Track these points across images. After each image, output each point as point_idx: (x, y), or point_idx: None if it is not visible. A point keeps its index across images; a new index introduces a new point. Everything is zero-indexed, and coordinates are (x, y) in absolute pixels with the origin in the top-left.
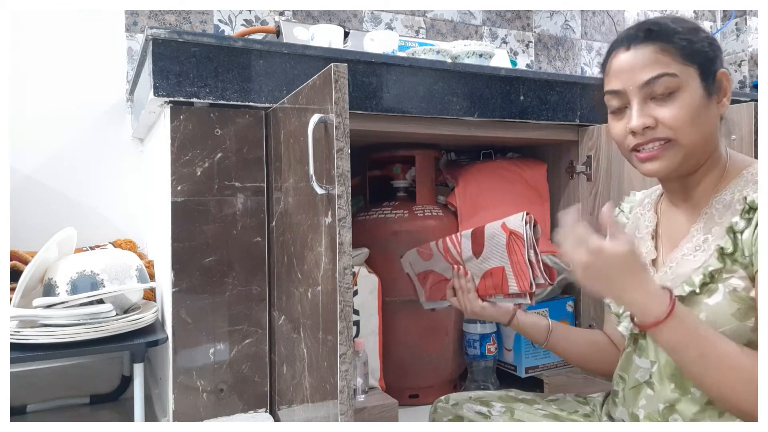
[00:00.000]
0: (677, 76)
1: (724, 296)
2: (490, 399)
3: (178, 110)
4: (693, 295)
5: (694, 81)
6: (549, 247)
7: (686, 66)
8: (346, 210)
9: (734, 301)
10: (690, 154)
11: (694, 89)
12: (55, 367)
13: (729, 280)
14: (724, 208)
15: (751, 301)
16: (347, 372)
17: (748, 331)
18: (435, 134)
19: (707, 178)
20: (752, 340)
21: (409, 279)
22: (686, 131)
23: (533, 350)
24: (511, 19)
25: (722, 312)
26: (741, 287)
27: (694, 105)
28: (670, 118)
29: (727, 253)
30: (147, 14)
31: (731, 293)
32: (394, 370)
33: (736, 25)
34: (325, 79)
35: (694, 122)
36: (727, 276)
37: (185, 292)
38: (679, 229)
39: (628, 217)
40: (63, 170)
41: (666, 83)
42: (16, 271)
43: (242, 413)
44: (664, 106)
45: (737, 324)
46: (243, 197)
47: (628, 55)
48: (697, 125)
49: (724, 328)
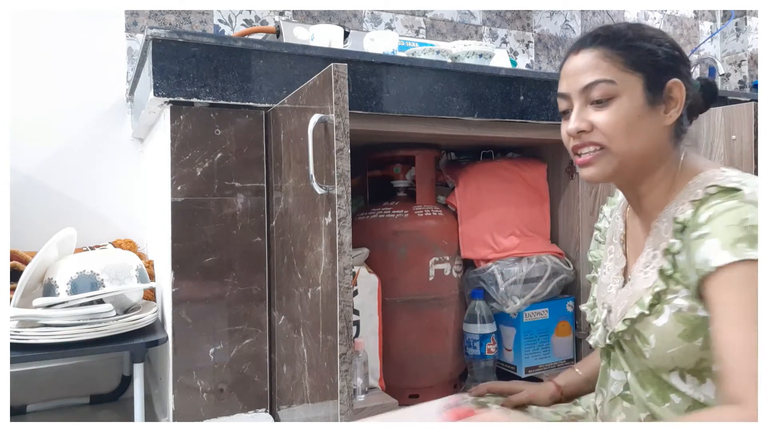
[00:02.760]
0: (615, 83)
1: (669, 317)
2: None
3: (178, 110)
4: (643, 317)
5: (635, 90)
6: (549, 247)
7: (628, 74)
8: (346, 210)
9: (679, 322)
10: (625, 164)
11: (634, 98)
12: (55, 367)
13: (673, 301)
14: (669, 223)
15: (696, 321)
16: (347, 372)
17: (697, 351)
18: (435, 134)
19: (657, 189)
20: (703, 359)
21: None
22: (619, 140)
23: (533, 350)
24: (511, 19)
25: (669, 333)
26: (686, 307)
27: (630, 114)
28: (604, 125)
29: (667, 274)
30: (147, 14)
31: (676, 314)
32: (394, 370)
33: (736, 25)
34: (325, 79)
35: (629, 132)
36: (671, 296)
37: (185, 292)
38: (640, 239)
39: (609, 220)
40: (63, 170)
41: (603, 89)
42: (16, 271)
43: (242, 413)
44: (600, 111)
45: (685, 345)
46: (243, 197)
47: (576, 59)
48: (632, 135)
49: (672, 350)
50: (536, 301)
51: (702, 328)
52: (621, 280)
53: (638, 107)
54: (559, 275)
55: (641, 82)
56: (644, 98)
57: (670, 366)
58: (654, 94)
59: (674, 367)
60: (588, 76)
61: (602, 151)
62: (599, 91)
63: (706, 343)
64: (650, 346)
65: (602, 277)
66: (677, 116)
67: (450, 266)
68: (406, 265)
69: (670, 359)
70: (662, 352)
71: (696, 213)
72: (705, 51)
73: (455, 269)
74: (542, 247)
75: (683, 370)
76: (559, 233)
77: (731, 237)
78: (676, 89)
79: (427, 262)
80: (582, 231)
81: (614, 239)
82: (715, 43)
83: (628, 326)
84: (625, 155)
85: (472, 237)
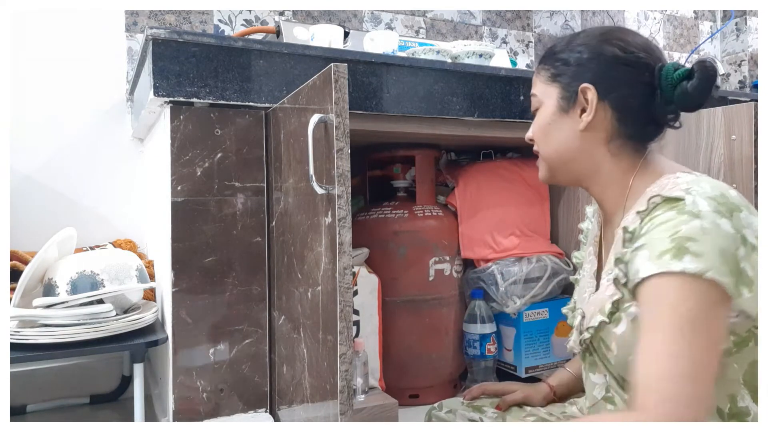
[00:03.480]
0: (536, 96)
1: (627, 325)
2: (483, 405)
3: (178, 110)
4: (604, 325)
5: (551, 100)
6: (549, 247)
7: (548, 86)
8: (346, 210)
9: (635, 330)
10: (554, 167)
11: (549, 107)
12: (55, 367)
13: (629, 309)
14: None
15: None
16: (347, 372)
17: None
18: (435, 134)
19: (609, 192)
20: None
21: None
22: (541, 145)
23: (533, 350)
24: (511, 19)
25: (627, 340)
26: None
27: (545, 122)
28: (532, 133)
29: (621, 282)
30: (147, 14)
31: (632, 321)
32: (394, 370)
33: (736, 25)
34: (325, 79)
35: (546, 137)
36: (627, 305)
37: (185, 292)
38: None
39: (591, 221)
40: (63, 170)
41: (533, 102)
42: (16, 271)
43: (242, 413)
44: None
45: None
46: (243, 197)
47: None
48: (548, 141)
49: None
50: (536, 301)
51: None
52: (594, 284)
53: (550, 114)
54: (559, 275)
55: (557, 91)
56: (557, 105)
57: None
58: (567, 101)
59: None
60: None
61: (539, 156)
62: (533, 104)
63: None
64: (613, 353)
65: (581, 280)
66: (589, 119)
67: (450, 266)
68: (406, 265)
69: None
70: (624, 359)
71: (641, 224)
72: (705, 51)
73: (455, 269)
74: (542, 247)
75: None
76: (559, 233)
77: (659, 249)
78: (588, 93)
79: (427, 262)
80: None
81: (591, 240)
82: (715, 43)
83: (592, 334)
84: (549, 159)
85: (472, 237)
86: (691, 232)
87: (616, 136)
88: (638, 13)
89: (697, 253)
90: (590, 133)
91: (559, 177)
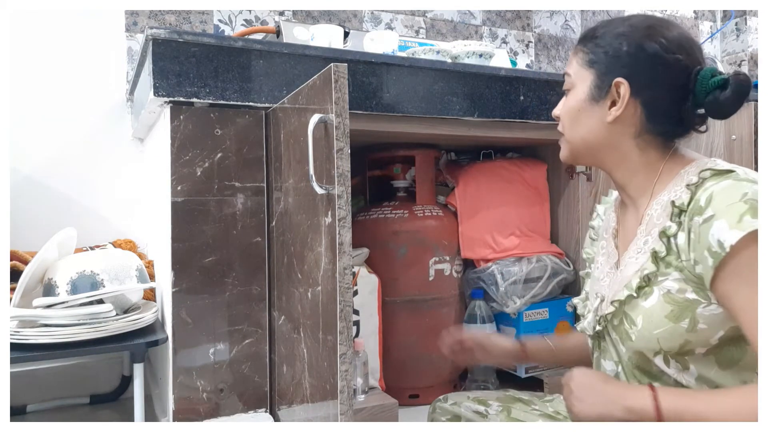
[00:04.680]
0: (570, 77)
1: (658, 299)
2: (488, 398)
3: (178, 110)
4: (631, 299)
5: (585, 84)
6: (549, 247)
7: (584, 69)
8: (346, 210)
9: (667, 303)
10: (577, 151)
11: (581, 92)
12: (55, 367)
13: (663, 283)
14: (662, 210)
15: (684, 303)
16: (347, 372)
17: (683, 333)
18: (435, 134)
19: (637, 178)
20: (687, 341)
21: None
22: (567, 128)
23: None
24: (511, 19)
25: (656, 314)
26: (675, 289)
27: (575, 106)
28: (559, 112)
29: (660, 256)
30: (147, 14)
31: (665, 295)
32: (394, 370)
33: (736, 25)
34: (325, 79)
35: (572, 123)
36: (662, 279)
37: (185, 292)
38: (631, 229)
39: (603, 219)
40: (63, 170)
41: (566, 81)
42: (16, 271)
43: (242, 413)
44: (563, 101)
45: (672, 326)
46: (243, 197)
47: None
48: (575, 126)
49: (658, 331)
50: (536, 301)
51: (689, 310)
52: (614, 273)
53: (581, 101)
54: (559, 275)
55: (591, 77)
56: (589, 93)
57: (656, 348)
58: (600, 90)
59: (659, 350)
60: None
61: (563, 136)
62: (565, 84)
63: (691, 326)
64: (637, 327)
65: (595, 272)
66: (618, 114)
67: (450, 266)
68: (406, 265)
69: (655, 341)
70: (648, 333)
71: (694, 197)
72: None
73: (455, 269)
74: (542, 247)
75: (667, 354)
76: (559, 233)
77: (736, 213)
78: (621, 88)
79: (427, 262)
80: (582, 231)
81: (605, 234)
82: (715, 43)
83: (616, 308)
84: (573, 143)
85: (472, 237)
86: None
87: (645, 131)
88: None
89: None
90: (618, 126)
91: (581, 161)
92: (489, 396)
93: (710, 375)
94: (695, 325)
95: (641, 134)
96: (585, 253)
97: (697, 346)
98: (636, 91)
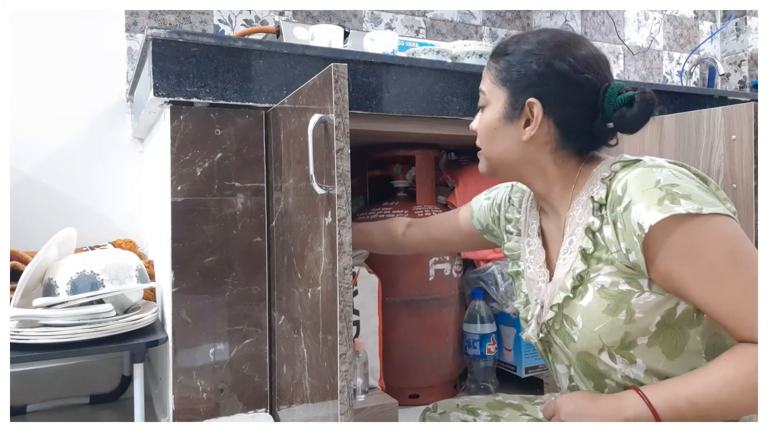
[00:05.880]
0: (485, 94)
1: (593, 296)
2: (477, 407)
3: (178, 110)
4: (569, 300)
5: (499, 103)
6: None
7: (497, 87)
8: (346, 210)
9: (603, 298)
10: (494, 166)
11: (496, 111)
12: (55, 367)
13: (596, 279)
14: (583, 208)
15: (619, 295)
16: (347, 372)
17: (621, 325)
18: (435, 134)
19: (555, 189)
20: (627, 333)
21: None
22: (484, 144)
23: (533, 350)
24: (511, 19)
25: (594, 311)
26: (608, 283)
27: (490, 124)
28: (475, 128)
29: (588, 253)
30: (147, 14)
31: (599, 291)
32: (394, 370)
33: (736, 25)
34: (325, 79)
35: (489, 140)
36: (594, 275)
37: (185, 292)
38: (555, 231)
39: (520, 210)
40: (63, 170)
41: (480, 98)
42: (16, 271)
43: (242, 413)
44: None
45: (610, 320)
46: (243, 197)
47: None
48: (492, 143)
49: (598, 327)
50: None
51: (624, 302)
52: (546, 274)
53: (495, 120)
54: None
55: (505, 96)
56: (503, 112)
57: (599, 345)
58: (514, 110)
59: (602, 346)
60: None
61: (480, 150)
62: (480, 100)
63: (629, 317)
64: (578, 327)
65: (528, 272)
66: (532, 134)
67: (450, 266)
68: (406, 265)
69: (597, 337)
70: (589, 331)
71: (610, 189)
72: (705, 51)
73: (455, 269)
74: None
75: (611, 349)
76: None
77: (654, 197)
78: (534, 109)
79: (427, 262)
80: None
81: (529, 231)
82: (715, 43)
83: (556, 312)
84: (491, 159)
85: None
86: (668, 179)
87: (560, 147)
88: (638, 13)
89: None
90: (534, 144)
91: (500, 175)
92: (478, 403)
93: (659, 366)
94: (632, 316)
95: (557, 150)
96: (506, 249)
97: (638, 336)
98: (548, 111)
